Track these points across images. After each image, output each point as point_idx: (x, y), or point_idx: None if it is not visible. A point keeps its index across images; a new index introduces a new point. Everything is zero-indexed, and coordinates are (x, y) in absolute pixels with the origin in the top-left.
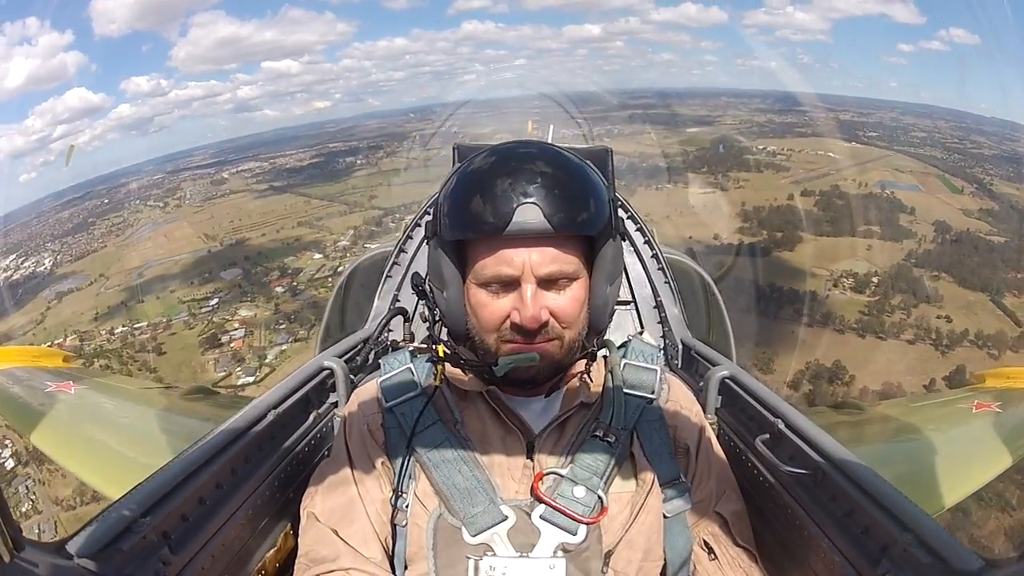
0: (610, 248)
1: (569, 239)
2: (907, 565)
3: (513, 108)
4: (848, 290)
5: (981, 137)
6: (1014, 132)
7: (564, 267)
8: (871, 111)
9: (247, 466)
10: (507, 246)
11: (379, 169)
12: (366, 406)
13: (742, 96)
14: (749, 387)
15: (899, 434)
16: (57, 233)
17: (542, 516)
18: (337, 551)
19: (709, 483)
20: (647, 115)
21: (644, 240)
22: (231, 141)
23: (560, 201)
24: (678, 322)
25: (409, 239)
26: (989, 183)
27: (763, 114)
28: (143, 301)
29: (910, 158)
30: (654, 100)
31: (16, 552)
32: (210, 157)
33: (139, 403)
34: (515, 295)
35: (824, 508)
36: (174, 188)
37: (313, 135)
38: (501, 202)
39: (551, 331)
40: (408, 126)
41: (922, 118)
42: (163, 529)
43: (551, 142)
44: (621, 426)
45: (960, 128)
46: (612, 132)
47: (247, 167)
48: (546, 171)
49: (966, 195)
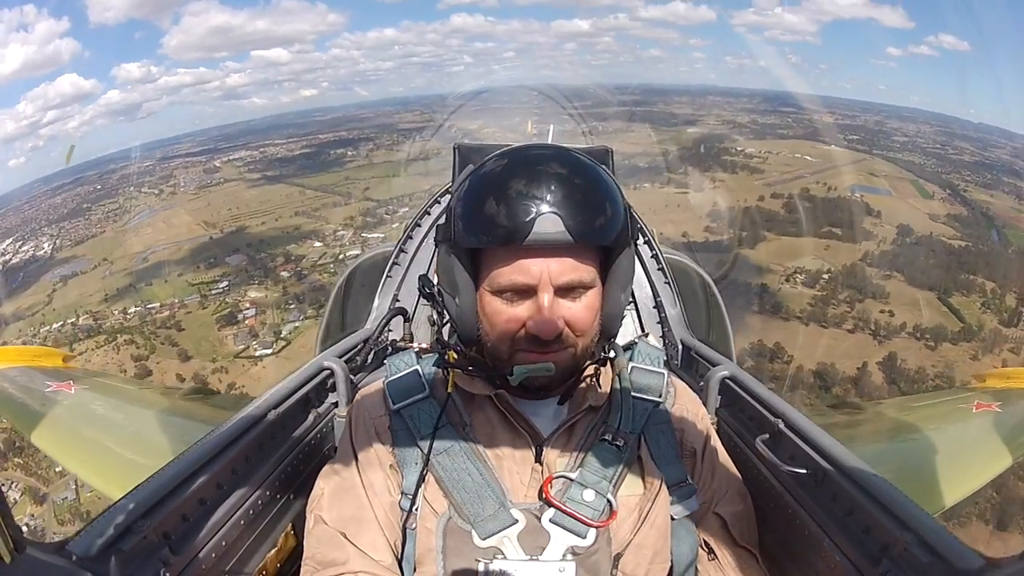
0: (626, 256)
1: (587, 248)
2: (908, 564)
3: (505, 103)
4: (799, 284)
5: (965, 143)
6: (999, 139)
7: (582, 276)
8: (857, 113)
9: (248, 466)
10: (525, 255)
11: (370, 161)
12: (373, 407)
13: (730, 95)
14: (749, 387)
15: (899, 434)
16: (53, 218)
17: (552, 520)
18: (346, 554)
19: (712, 485)
20: (633, 112)
21: (644, 240)
22: (219, 129)
23: (580, 210)
24: (678, 322)
25: (409, 239)
26: (963, 189)
27: (748, 114)
28: (151, 284)
29: (888, 162)
30: (641, 96)
31: (17, 553)
32: (198, 145)
33: (139, 403)
34: (531, 303)
35: (825, 508)
36: (167, 176)
37: (302, 123)
38: (520, 211)
39: (566, 340)
40: (397, 117)
41: (907, 122)
42: (164, 529)
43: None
44: (629, 430)
45: (944, 133)
46: (597, 129)
47: (239, 156)
48: (566, 179)
49: (936, 200)
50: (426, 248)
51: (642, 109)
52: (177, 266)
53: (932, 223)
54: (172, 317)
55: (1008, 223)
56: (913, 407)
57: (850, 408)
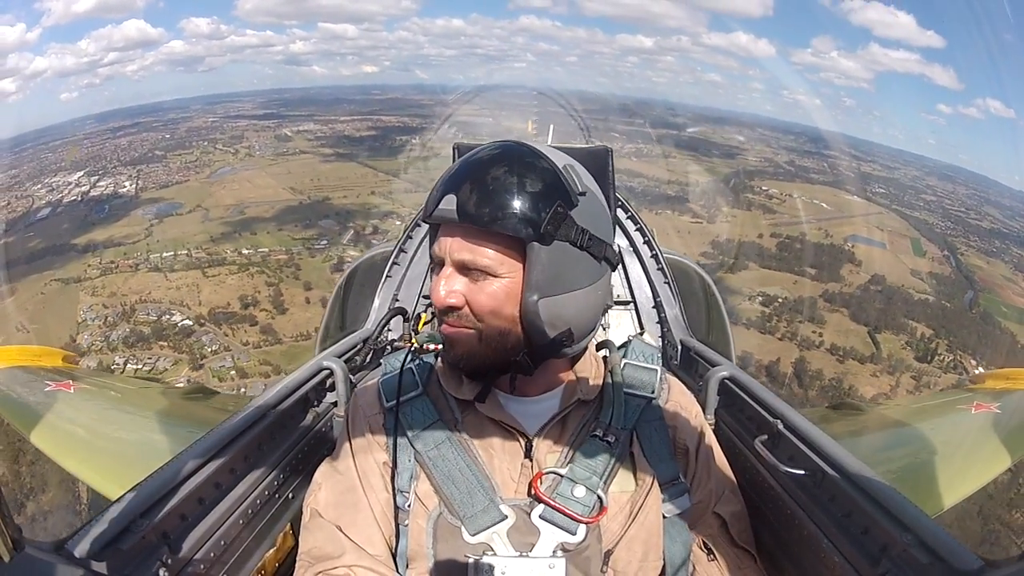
0: (541, 253)
1: (492, 234)
2: (907, 565)
3: (544, 107)
4: (755, 303)
5: (993, 209)
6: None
7: (478, 258)
8: (899, 166)
9: (247, 466)
10: (442, 231)
11: (433, 152)
12: (367, 406)
13: (779, 129)
14: (748, 388)
15: (898, 435)
16: (125, 160)
17: (541, 515)
18: (341, 548)
19: (709, 484)
20: (679, 137)
21: (644, 240)
22: (277, 92)
23: (476, 195)
24: (677, 322)
25: (409, 239)
26: (962, 252)
27: (788, 153)
28: (255, 233)
29: (901, 218)
30: (691, 120)
31: (16, 552)
32: (260, 107)
33: (139, 403)
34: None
35: (823, 508)
36: (238, 136)
37: (363, 100)
38: (438, 192)
39: (464, 318)
40: (454, 108)
41: (945, 181)
42: (162, 529)
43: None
44: (621, 426)
45: (977, 197)
46: (641, 151)
47: (307, 128)
48: (480, 168)
49: (927, 259)
50: (426, 248)
51: (688, 135)
52: (269, 223)
53: (909, 277)
54: (291, 260)
55: (990, 289)
56: (912, 408)
57: (849, 409)
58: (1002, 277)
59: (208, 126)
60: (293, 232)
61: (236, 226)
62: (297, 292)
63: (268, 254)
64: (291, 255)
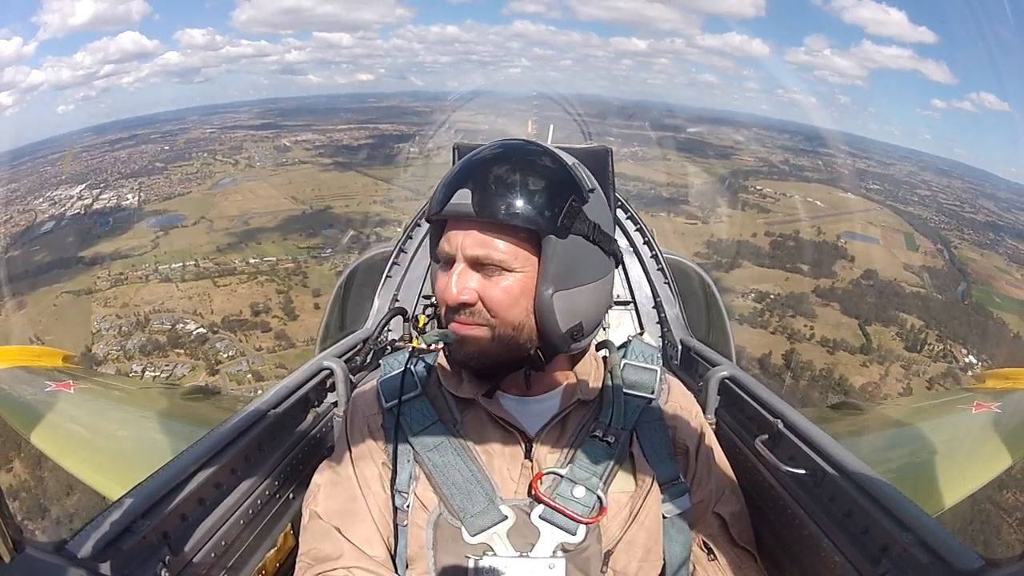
0: (557, 246)
1: (507, 228)
2: (907, 565)
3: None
4: (749, 300)
5: (988, 202)
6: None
7: (492, 253)
8: (894, 162)
9: (247, 466)
10: (452, 227)
11: (431, 160)
12: (366, 406)
13: (775, 128)
14: (749, 387)
15: (899, 434)
16: (125, 172)
17: (541, 516)
18: (340, 549)
19: (709, 484)
20: (676, 139)
21: (644, 240)
22: (273, 102)
23: (491, 190)
24: (677, 322)
25: (409, 239)
26: (955, 246)
27: (783, 152)
28: (260, 243)
29: (895, 214)
30: (687, 121)
31: (17, 552)
32: (256, 117)
33: (139, 403)
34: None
35: (824, 508)
36: (237, 147)
37: (359, 108)
38: (449, 188)
39: (476, 315)
40: (450, 115)
41: (940, 175)
42: (163, 529)
43: (550, 142)
44: (621, 426)
45: (971, 190)
46: (637, 154)
47: (305, 137)
48: (491, 163)
49: (920, 253)
50: (426, 248)
51: (685, 136)
52: (273, 232)
53: (902, 272)
54: (298, 268)
55: (984, 281)
56: (913, 408)
57: (850, 408)
58: (996, 269)
59: (206, 137)
60: (298, 241)
61: (241, 236)
62: (306, 299)
63: (276, 263)
64: (298, 263)
